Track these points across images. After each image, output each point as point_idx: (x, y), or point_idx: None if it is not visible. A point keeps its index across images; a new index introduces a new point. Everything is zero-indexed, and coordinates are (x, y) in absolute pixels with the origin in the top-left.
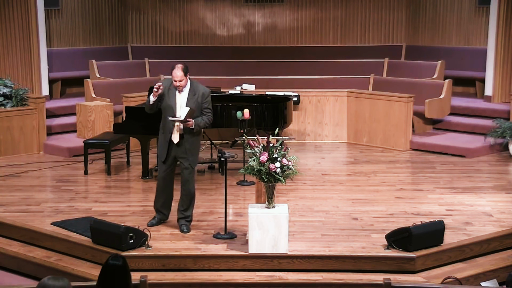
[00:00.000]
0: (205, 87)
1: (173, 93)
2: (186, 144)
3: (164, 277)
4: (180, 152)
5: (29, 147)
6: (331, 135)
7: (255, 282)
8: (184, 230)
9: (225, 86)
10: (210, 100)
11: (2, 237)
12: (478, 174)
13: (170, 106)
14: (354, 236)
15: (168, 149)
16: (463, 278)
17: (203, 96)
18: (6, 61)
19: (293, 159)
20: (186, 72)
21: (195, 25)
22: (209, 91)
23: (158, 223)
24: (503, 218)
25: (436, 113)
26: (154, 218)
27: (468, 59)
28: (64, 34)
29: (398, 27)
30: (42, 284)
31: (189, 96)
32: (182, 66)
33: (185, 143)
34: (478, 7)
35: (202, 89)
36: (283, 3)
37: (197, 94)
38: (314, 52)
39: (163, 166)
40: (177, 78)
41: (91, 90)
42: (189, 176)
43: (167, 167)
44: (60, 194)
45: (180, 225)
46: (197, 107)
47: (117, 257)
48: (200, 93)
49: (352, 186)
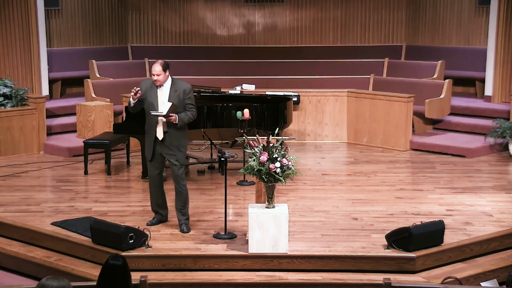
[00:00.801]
0: (186, 83)
1: (155, 91)
2: (171, 140)
3: (164, 277)
4: (166, 149)
5: (29, 147)
6: (331, 135)
7: (255, 282)
8: (184, 230)
9: (225, 86)
10: (192, 96)
11: (2, 237)
12: (478, 174)
13: (151, 104)
14: (354, 236)
15: (154, 147)
16: (463, 278)
17: (185, 92)
18: (6, 61)
19: (293, 159)
20: (165, 68)
21: (195, 25)
22: (191, 87)
23: (158, 223)
24: (503, 218)
25: (436, 113)
26: (154, 218)
27: (468, 59)
28: (64, 34)
29: (398, 27)
30: (40, 285)
31: (171, 93)
32: (162, 62)
33: (169, 138)
34: (478, 7)
35: (183, 85)
36: (283, 3)
37: (178, 91)
38: (314, 52)
39: (151, 166)
40: (154, 72)
41: (91, 90)
42: (178, 172)
43: (155, 166)
44: (60, 194)
45: (180, 224)
46: (179, 103)
47: (117, 257)
48: (182, 89)
49: (352, 186)
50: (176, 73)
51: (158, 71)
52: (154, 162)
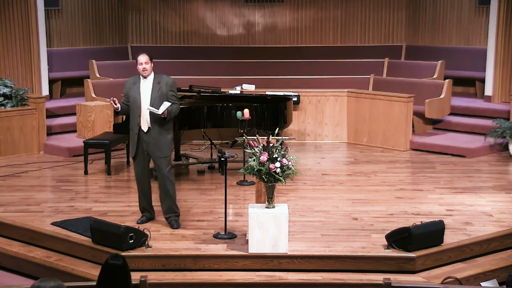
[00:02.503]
0: (169, 76)
1: (137, 86)
2: (155, 134)
3: (164, 277)
4: (151, 145)
5: (29, 147)
6: (331, 135)
7: (255, 282)
8: (174, 226)
9: (225, 86)
10: (175, 90)
11: (2, 237)
12: (478, 174)
13: (135, 99)
14: (354, 236)
15: (138, 143)
16: (463, 278)
17: (167, 84)
18: (6, 61)
19: (293, 159)
20: (151, 58)
21: (195, 25)
22: (174, 81)
23: (147, 221)
24: (503, 218)
25: (436, 113)
26: (143, 217)
27: (468, 59)
28: (64, 34)
29: (398, 27)
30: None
31: (154, 85)
32: (147, 52)
33: (153, 132)
34: (478, 7)
35: (166, 78)
36: (283, 3)
37: (161, 83)
38: (314, 52)
39: (136, 164)
40: (143, 61)
41: (91, 90)
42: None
43: (140, 164)
44: (60, 194)
45: (170, 221)
46: (161, 95)
47: (117, 256)
48: (164, 81)
49: (352, 186)
50: (176, 73)
51: (146, 59)
52: (138, 158)
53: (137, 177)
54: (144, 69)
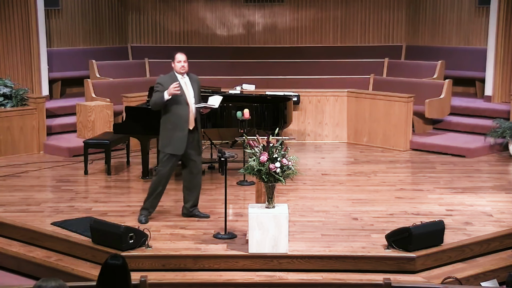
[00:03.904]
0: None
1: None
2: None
3: (164, 277)
4: (193, 144)
5: (29, 147)
6: (331, 135)
7: (255, 282)
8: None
9: (225, 86)
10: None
11: (2, 237)
12: (478, 174)
13: (180, 96)
14: (354, 236)
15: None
16: (463, 278)
17: (197, 82)
18: (6, 61)
19: (293, 159)
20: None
21: (195, 25)
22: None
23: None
24: (503, 218)
25: (436, 113)
26: (144, 216)
27: (468, 59)
28: (64, 34)
29: (398, 27)
30: (37, 285)
31: (191, 82)
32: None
33: (195, 131)
34: (478, 7)
35: (194, 76)
36: (283, 3)
37: (194, 80)
38: (314, 52)
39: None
40: (182, 59)
41: (91, 90)
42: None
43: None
44: (60, 194)
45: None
46: (198, 93)
47: (117, 256)
48: (195, 79)
49: (352, 186)
50: None
51: (185, 57)
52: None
53: (166, 176)
54: (182, 67)
